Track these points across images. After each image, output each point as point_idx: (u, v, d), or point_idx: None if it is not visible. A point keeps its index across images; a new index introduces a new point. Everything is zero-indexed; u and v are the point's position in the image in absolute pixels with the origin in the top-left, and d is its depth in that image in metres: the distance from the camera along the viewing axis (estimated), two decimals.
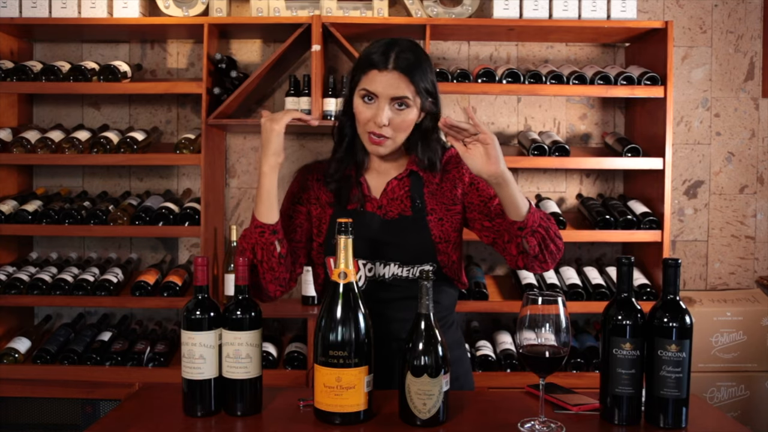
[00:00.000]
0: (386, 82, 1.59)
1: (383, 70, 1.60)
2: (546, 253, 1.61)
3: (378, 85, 1.60)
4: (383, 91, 1.60)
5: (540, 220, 1.59)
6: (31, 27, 2.88)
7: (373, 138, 1.63)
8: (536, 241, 1.58)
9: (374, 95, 1.60)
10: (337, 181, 1.71)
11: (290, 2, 2.91)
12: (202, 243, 2.79)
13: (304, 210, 1.74)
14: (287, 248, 1.65)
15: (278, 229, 1.61)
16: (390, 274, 1.66)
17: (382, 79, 1.60)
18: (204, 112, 2.78)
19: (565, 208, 3.16)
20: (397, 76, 1.59)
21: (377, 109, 1.61)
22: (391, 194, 1.70)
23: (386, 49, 1.62)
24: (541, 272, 1.70)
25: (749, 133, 3.18)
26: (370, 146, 1.65)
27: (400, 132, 1.64)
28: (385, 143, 1.63)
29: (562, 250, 1.65)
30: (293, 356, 2.78)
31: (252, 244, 1.61)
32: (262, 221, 1.60)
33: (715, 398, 2.85)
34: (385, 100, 1.60)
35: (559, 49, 3.16)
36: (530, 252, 1.59)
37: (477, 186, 1.70)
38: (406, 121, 1.63)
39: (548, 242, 1.60)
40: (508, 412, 1.45)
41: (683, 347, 1.35)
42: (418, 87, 1.61)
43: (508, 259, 1.66)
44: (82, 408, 2.71)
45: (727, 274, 3.20)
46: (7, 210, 2.82)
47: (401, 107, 1.61)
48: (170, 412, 1.45)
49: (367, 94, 1.61)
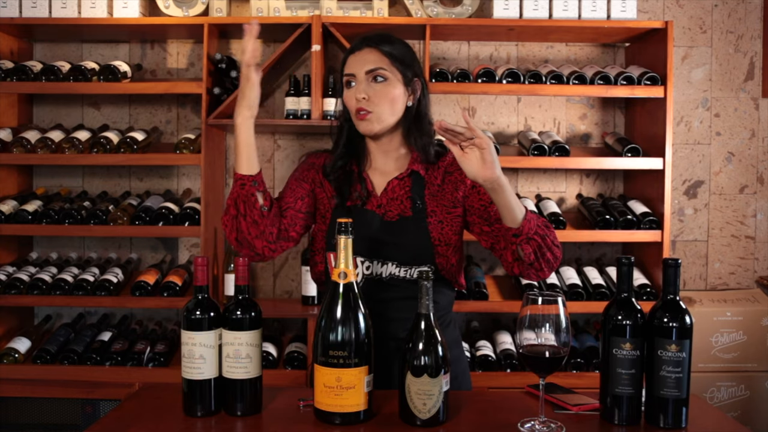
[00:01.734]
0: (359, 60, 1.69)
1: (356, 52, 1.70)
2: (542, 261, 1.59)
3: (353, 65, 1.69)
4: (358, 69, 1.68)
5: (537, 228, 1.57)
6: (31, 27, 2.88)
7: (359, 116, 1.67)
8: (531, 248, 1.57)
9: (352, 75, 1.68)
10: (337, 177, 1.72)
11: (290, 2, 2.91)
12: (202, 243, 2.79)
13: (308, 187, 1.75)
14: (271, 201, 1.65)
15: (259, 180, 1.63)
16: (387, 273, 1.66)
17: (355, 59, 1.69)
18: (204, 112, 2.78)
19: (565, 208, 3.16)
20: (367, 51, 1.69)
21: (355, 87, 1.68)
22: (392, 194, 1.71)
23: (361, 38, 1.72)
24: (537, 280, 1.69)
25: (749, 133, 3.18)
26: (360, 125, 1.69)
27: (382, 105, 1.67)
28: (368, 117, 1.67)
29: (559, 258, 1.64)
30: (293, 356, 2.78)
31: (234, 198, 1.62)
32: (241, 173, 1.62)
33: (715, 398, 2.85)
34: (361, 76, 1.67)
35: (559, 49, 3.16)
36: (525, 260, 1.59)
37: (478, 189, 1.70)
38: (388, 94, 1.67)
39: (544, 250, 1.58)
40: (508, 412, 1.45)
41: (683, 347, 1.35)
42: (391, 57, 1.68)
43: (504, 265, 1.66)
44: (82, 408, 2.71)
45: (727, 274, 3.20)
46: (7, 210, 2.82)
47: (379, 80, 1.67)
48: (170, 412, 1.45)
49: (348, 80, 1.69)
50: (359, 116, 1.67)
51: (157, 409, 1.47)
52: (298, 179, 1.76)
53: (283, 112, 2.88)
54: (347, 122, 1.75)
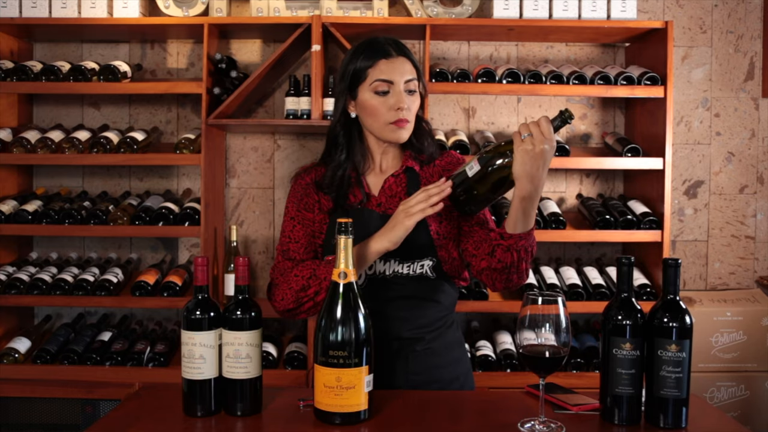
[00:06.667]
0: (398, 67, 1.66)
1: (390, 58, 1.66)
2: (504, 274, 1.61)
3: (391, 72, 1.65)
4: (399, 77, 1.65)
5: (522, 250, 1.59)
6: (31, 27, 2.87)
7: (398, 124, 1.66)
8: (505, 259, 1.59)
9: (390, 83, 1.65)
10: (336, 188, 1.70)
11: (290, 2, 2.91)
12: (202, 243, 2.79)
13: (310, 216, 1.72)
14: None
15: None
16: (391, 270, 1.67)
17: (393, 65, 1.66)
18: (204, 112, 2.78)
19: (565, 208, 3.16)
20: (403, 60, 1.68)
21: (397, 95, 1.65)
22: (389, 191, 1.71)
23: (378, 41, 1.69)
24: (489, 289, 1.72)
25: (749, 133, 3.18)
26: (395, 133, 1.67)
27: (414, 116, 1.70)
28: (407, 126, 1.68)
29: (518, 286, 1.67)
30: (293, 356, 2.78)
31: (315, 299, 1.60)
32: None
33: (715, 398, 2.85)
34: (401, 84, 1.65)
35: (559, 49, 3.16)
36: (494, 264, 1.60)
37: None
38: (416, 105, 1.70)
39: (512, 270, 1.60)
40: (508, 412, 1.45)
41: (683, 347, 1.35)
42: (419, 72, 1.70)
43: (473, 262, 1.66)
44: (82, 408, 2.70)
45: (727, 274, 3.20)
46: (7, 210, 2.82)
47: (411, 93, 1.68)
48: (170, 412, 1.45)
49: (381, 84, 1.65)
50: (400, 124, 1.66)
51: (157, 409, 1.47)
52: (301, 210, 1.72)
53: (283, 112, 2.88)
54: (345, 135, 1.72)
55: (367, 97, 1.67)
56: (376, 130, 1.69)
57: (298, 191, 1.74)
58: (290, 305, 1.62)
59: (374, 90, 1.65)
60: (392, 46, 1.68)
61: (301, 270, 1.61)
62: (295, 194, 1.74)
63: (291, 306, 1.62)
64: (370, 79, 1.66)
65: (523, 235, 1.57)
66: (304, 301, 1.60)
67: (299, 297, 1.60)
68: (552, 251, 3.15)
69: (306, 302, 1.61)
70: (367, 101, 1.67)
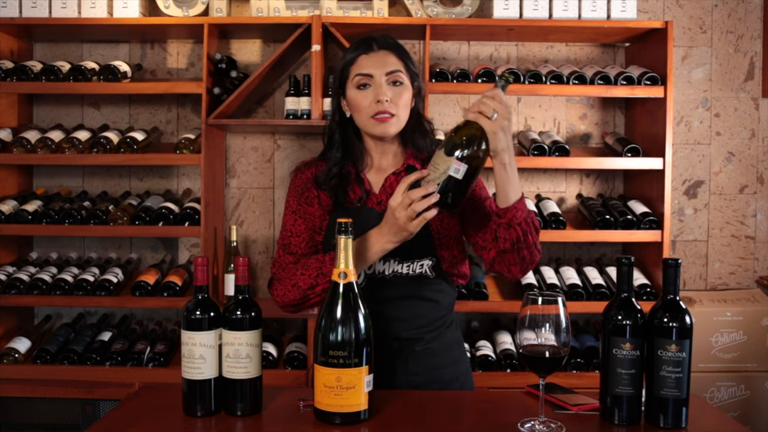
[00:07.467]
0: (377, 61, 1.67)
1: (371, 53, 1.68)
2: (516, 254, 1.59)
3: (370, 65, 1.66)
4: (377, 70, 1.66)
5: (522, 221, 1.57)
6: (31, 27, 2.87)
7: (378, 117, 1.65)
8: (510, 237, 1.57)
9: (369, 76, 1.66)
10: (334, 184, 1.71)
11: (290, 2, 2.91)
12: (202, 243, 2.79)
13: (311, 210, 1.73)
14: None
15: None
16: (390, 270, 1.67)
17: (371, 60, 1.67)
18: (204, 112, 2.78)
19: (565, 208, 3.16)
20: (385, 53, 1.68)
21: (376, 88, 1.65)
22: (390, 189, 1.71)
23: (366, 39, 1.70)
24: (509, 277, 1.68)
25: (749, 133, 3.18)
26: (378, 127, 1.66)
27: (401, 109, 1.68)
28: (391, 120, 1.66)
29: (535, 262, 1.64)
30: (293, 356, 2.78)
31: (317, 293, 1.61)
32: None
33: (715, 398, 2.85)
34: (381, 77, 1.65)
35: (559, 49, 3.16)
36: (501, 246, 1.59)
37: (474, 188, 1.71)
38: (404, 98, 1.68)
39: (521, 246, 1.58)
40: (508, 412, 1.45)
41: (683, 347, 1.35)
42: (406, 63, 1.69)
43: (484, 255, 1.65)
44: (82, 408, 2.70)
45: (727, 274, 3.20)
46: (7, 210, 2.82)
47: (396, 84, 1.67)
48: (170, 412, 1.45)
49: (361, 79, 1.66)
50: (380, 118, 1.65)
51: (157, 409, 1.47)
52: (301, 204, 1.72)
53: (283, 112, 2.88)
54: (341, 132, 1.73)
55: (352, 93, 1.69)
56: (362, 125, 1.70)
57: (299, 185, 1.75)
58: (296, 301, 1.64)
59: (356, 85, 1.67)
60: (376, 41, 1.69)
61: (307, 269, 1.61)
62: (296, 188, 1.75)
63: (296, 302, 1.64)
64: (352, 75, 1.68)
65: (518, 205, 1.56)
66: (311, 297, 1.62)
67: (306, 294, 1.62)
68: (552, 251, 3.15)
69: (313, 298, 1.62)
70: (352, 98, 1.69)
